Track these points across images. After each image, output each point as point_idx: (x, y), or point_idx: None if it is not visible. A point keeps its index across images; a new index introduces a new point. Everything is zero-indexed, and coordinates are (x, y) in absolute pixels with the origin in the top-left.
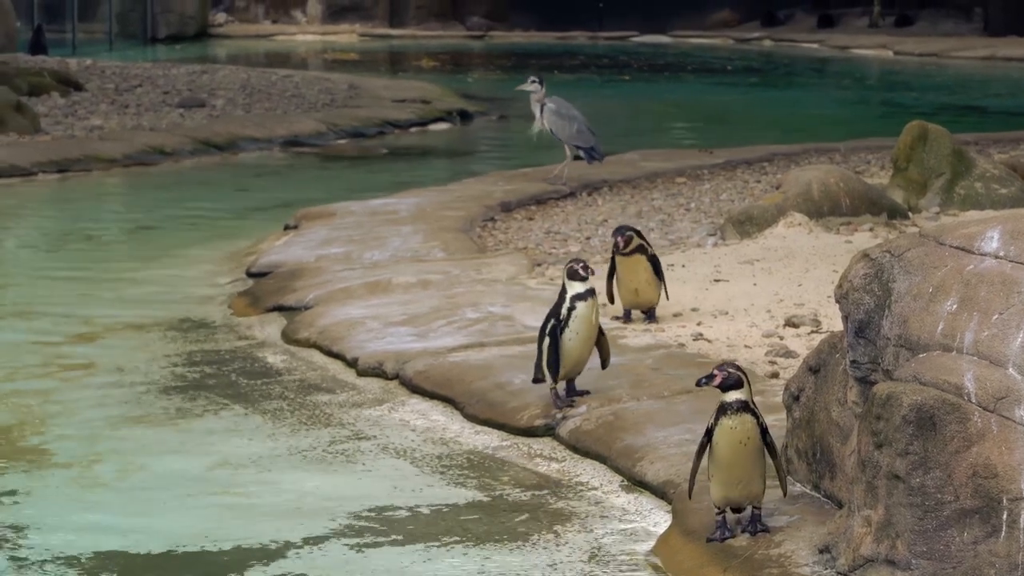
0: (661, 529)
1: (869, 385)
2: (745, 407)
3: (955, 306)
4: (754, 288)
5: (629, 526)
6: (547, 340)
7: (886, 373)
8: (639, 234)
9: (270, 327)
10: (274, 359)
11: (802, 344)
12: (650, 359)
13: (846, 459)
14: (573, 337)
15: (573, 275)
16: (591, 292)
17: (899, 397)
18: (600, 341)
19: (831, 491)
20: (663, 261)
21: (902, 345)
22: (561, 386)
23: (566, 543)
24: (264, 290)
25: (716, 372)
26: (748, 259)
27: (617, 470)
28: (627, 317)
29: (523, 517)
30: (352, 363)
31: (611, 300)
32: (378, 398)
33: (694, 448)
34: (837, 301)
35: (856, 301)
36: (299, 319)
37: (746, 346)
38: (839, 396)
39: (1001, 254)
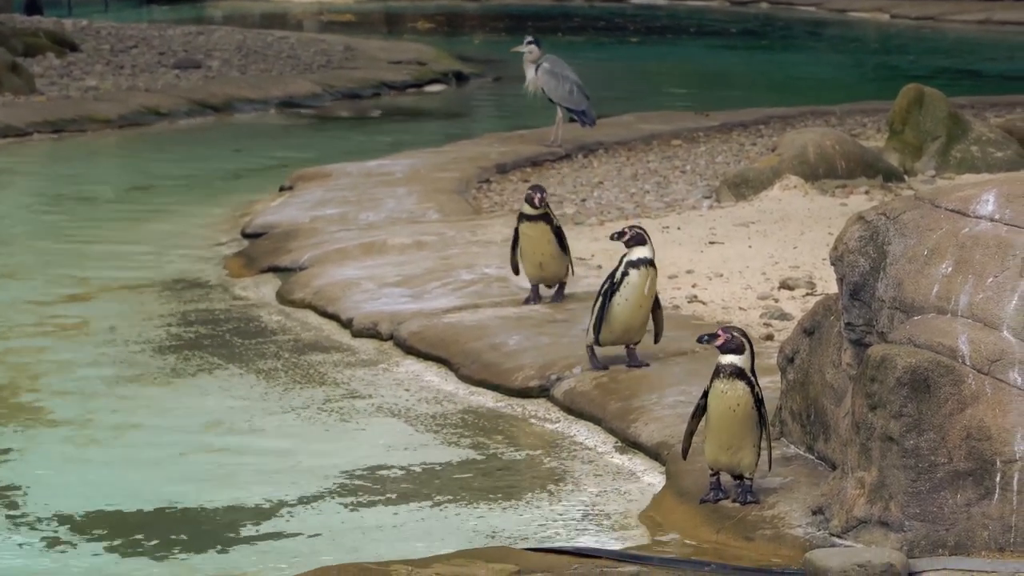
0: (655, 490)
1: (863, 347)
2: (740, 374)
3: (950, 269)
4: (749, 250)
5: (623, 486)
6: (599, 300)
7: (880, 335)
8: (547, 204)
9: (265, 287)
10: (268, 319)
11: (797, 306)
12: None
13: (840, 421)
14: (622, 303)
15: (638, 240)
16: (646, 262)
17: (893, 359)
18: (656, 313)
19: (825, 453)
20: (657, 224)
21: (897, 307)
22: (607, 350)
23: (560, 503)
24: (259, 251)
25: (720, 332)
26: (743, 221)
27: (611, 431)
28: (535, 294)
29: (517, 477)
30: (347, 324)
31: (515, 271)
32: (372, 359)
33: (688, 410)
34: (832, 263)
35: (851, 263)
36: (294, 280)
37: (741, 308)
38: (833, 358)
39: (996, 217)
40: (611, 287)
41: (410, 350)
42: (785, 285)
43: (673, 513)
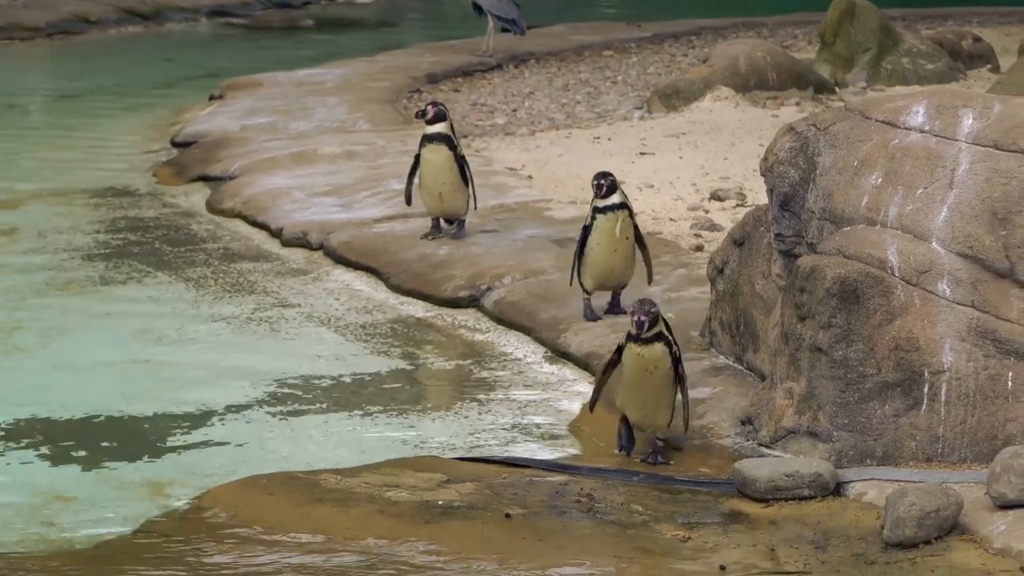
0: (584, 400)
1: (793, 258)
2: (658, 337)
3: (880, 180)
4: (680, 161)
5: (552, 397)
6: (576, 248)
7: (810, 246)
8: (452, 127)
9: (195, 196)
10: (198, 228)
11: (727, 217)
12: (575, 231)
13: (769, 332)
14: (595, 247)
15: (610, 189)
16: (615, 207)
17: (823, 270)
18: (643, 254)
19: (754, 363)
20: (588, 134)
21: (826, 218)
22: (602, 297)
23: (489, 412)
24: (189, 159)
25: (643, 319)
26: (674, 132)
27: (541, 341)
28: (435, 228)
29: (446, 387)
30: (276, 233)
31: (408, 201)
32: (302, 268)
33: (620, 320)
34: (762, 174)
35: (781, 174)
36: (224, 189)
37: (671, 219)
38: (763, 269)
39: (926, 128)
40: (584, 234)
41: (340, 260)
42: (715, 196)
43: (602, 423)
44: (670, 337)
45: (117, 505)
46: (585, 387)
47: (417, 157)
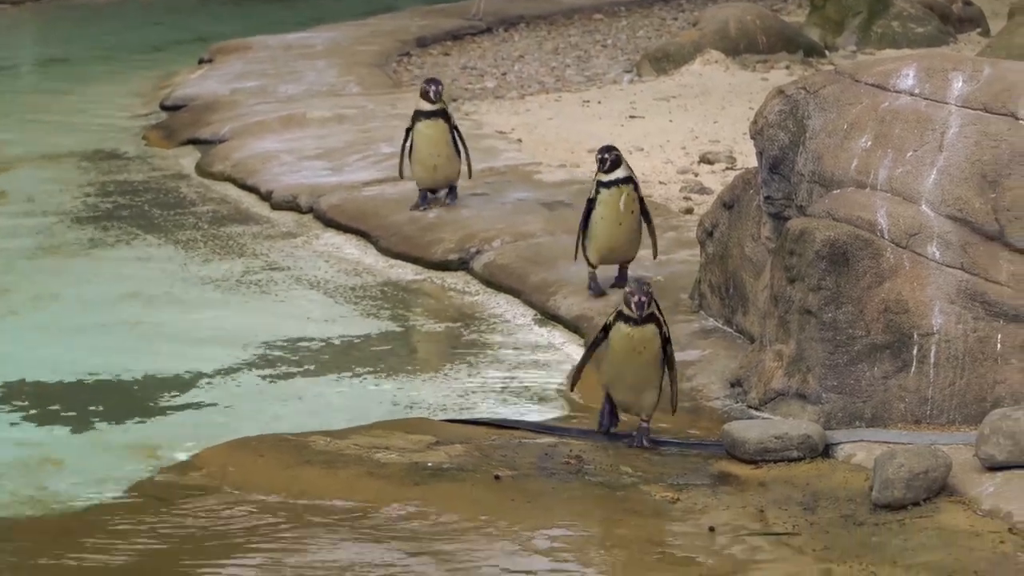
0: (574, 362)
1: (783, 221)
2: (650, 318)
3: (869, 143)
4: (670, 125)
5: (542, 359)
6: (581, 223)
7: (800, 209)
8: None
9: (184, 159)
10: (188, 191)
11: (716, 180)
12: (564, 195)
13: (759, 294)
14: (599, 221)
15: (614, 164)
16: (620, 181)
17: (812, 233)
18: (648, 227)
19: (743, 326)
20: (578, 98)
21: (816, 181)
22: (606, 271)
23: (479, 374)
24: (178, 123)
25: (643, 299)
26: (664, 96)
27: (530, 304)
28: (423, 199)
29: (436, 349)
30: (266, 196)
31: (402, 174)
32: (292, 231)
33: (608, 282)
34: (752, 137)
35: (771, 137)
36: (213, 152)
37: (661, 182)
38: (753, 232)
39: (916, 92)
40: (588, 207)
41: (329, 223)
42: (705, 159)
43: (591, 386)
44: (661, 318)
45: (107, 467)
46: (575, 349)
47: (409, 131)
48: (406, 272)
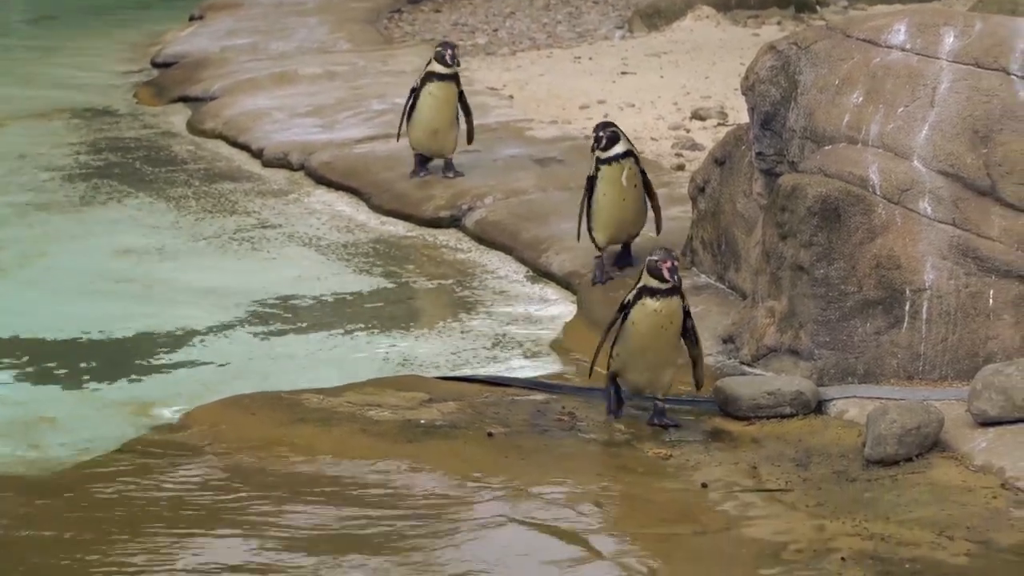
0: (566, 319)
1: (774, 177)
2: (675, 290)
3: (861, 98)
4: (661, 81)
5: (534, 315)
6: (582, 202)
7: (791, 165)
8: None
9: (175, 117)
10: (179, 148)
11: (708, 136)
12: (556, 151)
13: (751, 250)
14: (601, 198)
15: (611, 140)
16: (620, 156)
17: (804, 189)
18: (652, 202)
19: (735, 282)
20: (569, 54)
21: (808, 137)
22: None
23: (471, 331)
24: (169, 80)
25: (675, 264)
26: (655, 52)
27: (522, 261)
28: (421, 166)
29: (428, 306)
30: (257, 154)
31: (399, 135)
32: (283, 188)
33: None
34: (743, 93)
35: (762, 93)
36: (204, 109)
37: (652, 138)
38: (744, 188)
39: (907, 47)
40: (589, 185)
41: (321, 180)
42: (697, 115)
43: (584, 342)
44: (681, 288)
45: (100, 425)
46: (567, 306)
47: (415, 92)
48: (398, 229)
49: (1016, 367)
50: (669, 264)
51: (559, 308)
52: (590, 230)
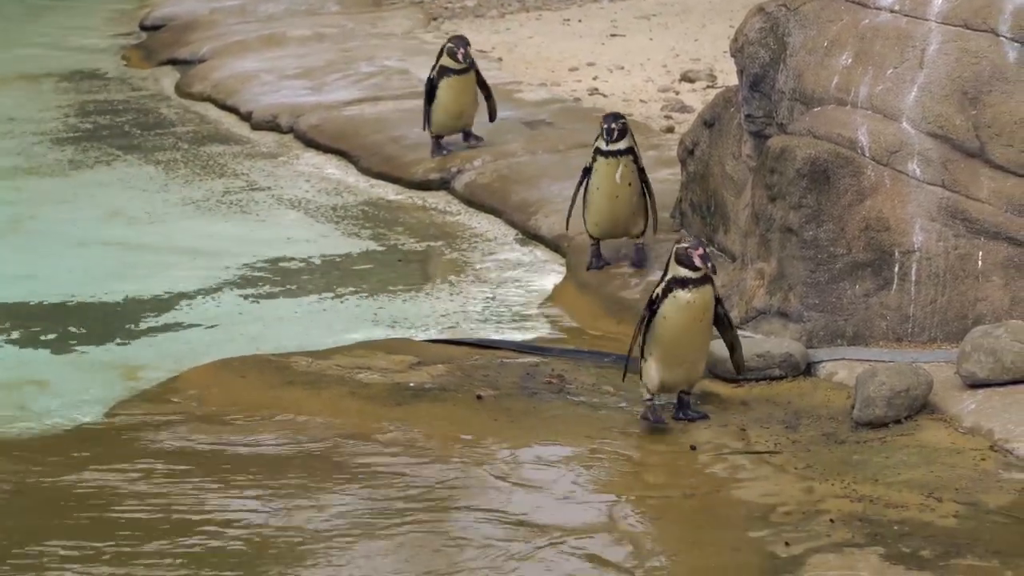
0: (555, 282)
1: (763, 139)
2: (706, 278)
3: (850, 60)
4: (650, 43)
5: (523, 278)
6: (576, 191)
7: (780, 127)
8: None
9: (164, 80)
10: (167, 111)
11: (697, 99)
12: (545, 113)
13: (740, 213)
14: (594, 191)
15: (621, 134)
16: (621, 152)
17: (793, 151)
18: (649, 200)
19: (724, 244)
20: (559, 16)
21: (797, 99)
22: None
23: (460, 293)
24: (158, 43)
25: (704, 251)
26: (644, 14)
27: (512, 223)
28: (439, 147)
29: (417, 268)
30: (246, 116)
31: (425, 126)
32: (272, 151)
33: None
34: (732, 55)
35: (751, 55)
36: (193, 72)
37: (641, 100)
38: (733, 150)
39: (896, 8)
40: (583, 176)
41: (310, 143)
42: (686, 77)
43: (574, 304)
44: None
45: (89, 388)
46: (557, 268)
47: (432, 82)
48: (387, 192)
49: (1005, 329)
50: (701, 251)
51: (548, 270)
52: (584, 221)
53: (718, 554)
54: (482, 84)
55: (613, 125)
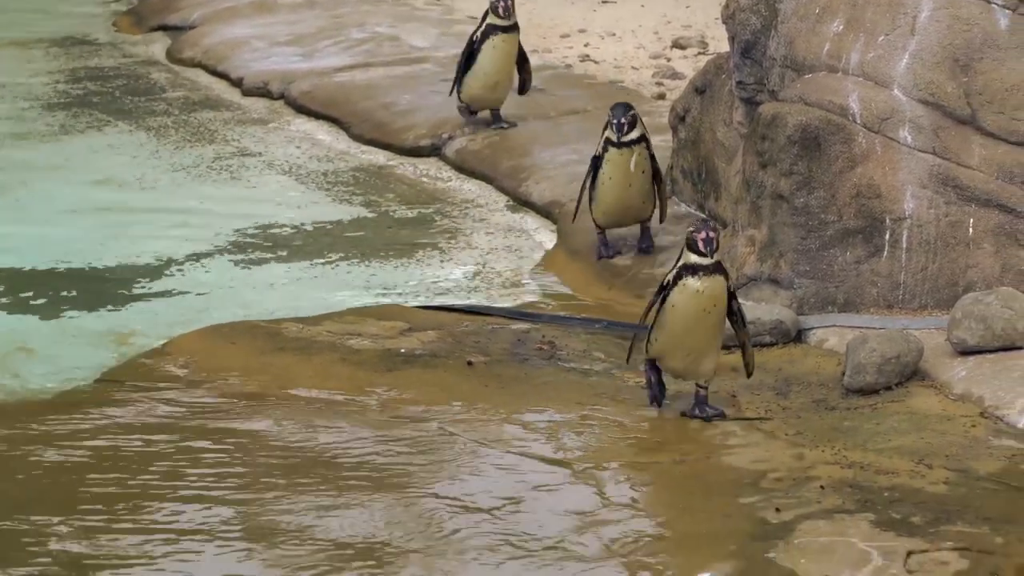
0: (546, 248)
1: (755, 106)
2: (718, 267)
3: (841, 27)
4: (642, 10)
5: (514, 244)
6: (586, 180)
7: (772, 94)
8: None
9: (155, 45)
10: (158, 77)
11: (689, 65)
12: (537, 80)
13: (731, 179)
14: (607, 182)
15: (631, 125)
16: (635, 142)
17: (784, 117)
18: (658, 189)
19: (716, 211)
20: None
21: (788, 66)
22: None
23: (451, 259)
24: (149, 9)
25: (712, 235)
26: None
27: (503, 190)
28: (469, 113)
29: (408, 235)
30: (237, 82)
31: (454, 90)
32: (263, 117)
33: (581, 169)
34: (724, 22)
35: (743, 22)
36: (184, 38)
37: (633, 67)
38: (725, 117)
39: None
40: (594, 166)
41: (301, 109)
42: (677, 44)
43: (564, 271)
44: (726, 269)
45: (80, 355)
46: (547, 235)
47: (472, 42)
48: (378, 158)
49: (996, 296)
50: (704, 235)
51: (539, 237)
52: (591, 211)
53: (709, 520)
54: (521, 51)
55: (623, 120)
